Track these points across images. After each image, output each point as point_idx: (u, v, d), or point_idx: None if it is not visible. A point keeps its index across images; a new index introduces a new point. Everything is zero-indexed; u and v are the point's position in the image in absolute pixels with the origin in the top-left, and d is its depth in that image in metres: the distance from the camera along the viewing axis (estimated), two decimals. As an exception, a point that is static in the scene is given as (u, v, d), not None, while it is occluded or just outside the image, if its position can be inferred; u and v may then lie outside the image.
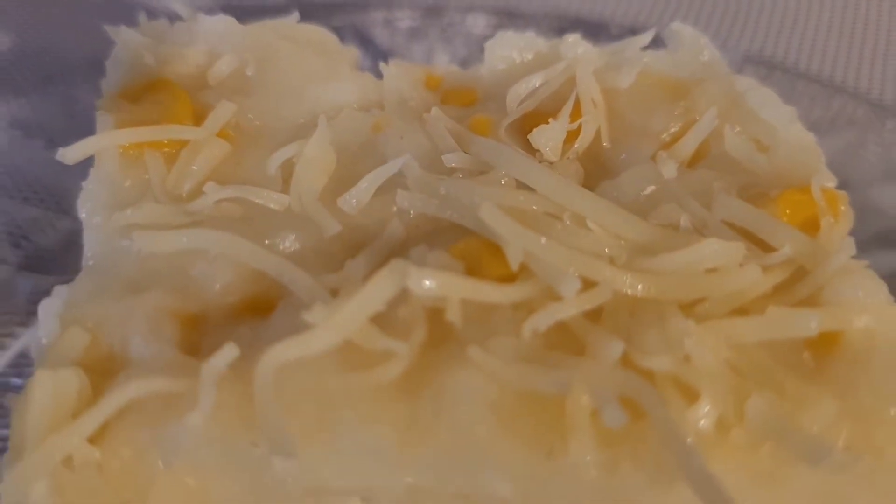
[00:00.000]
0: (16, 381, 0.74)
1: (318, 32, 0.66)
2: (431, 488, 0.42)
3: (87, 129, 0.64)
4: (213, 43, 0.61)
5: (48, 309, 0.47)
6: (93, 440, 0.42)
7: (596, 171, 0.57)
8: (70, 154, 0.54)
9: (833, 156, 0.82)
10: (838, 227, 0.50)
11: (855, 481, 0.42)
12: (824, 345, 0.44)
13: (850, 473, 0.41)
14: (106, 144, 0.54)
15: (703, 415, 0.40)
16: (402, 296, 0.44)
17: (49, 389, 0.42)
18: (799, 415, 0.40)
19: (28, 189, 0.87)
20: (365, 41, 1.03)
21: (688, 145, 0.56)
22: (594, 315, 0.44)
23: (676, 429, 0.39)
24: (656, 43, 0.62)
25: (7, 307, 0.78)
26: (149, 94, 0.58)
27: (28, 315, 0.78)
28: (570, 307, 0.43)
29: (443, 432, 0.42)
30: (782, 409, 0.40)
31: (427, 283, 0.43)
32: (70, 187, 0.85)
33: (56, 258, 0.83)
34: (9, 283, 0.79)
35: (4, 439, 0.63)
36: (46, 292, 0.75)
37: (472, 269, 0.46)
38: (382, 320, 0.44)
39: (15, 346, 0.76)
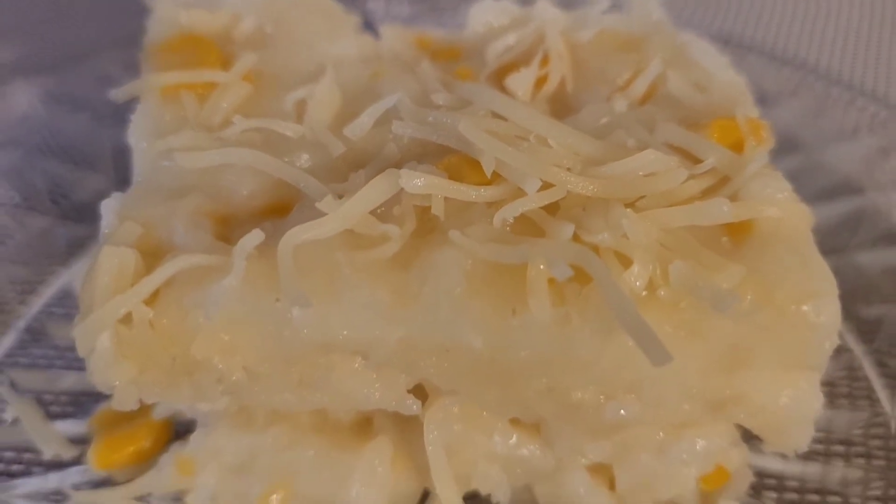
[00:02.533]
0: (58, 310, 0.84)
1: (325, 2, 0.77)
2: (418, 341, 0.52)
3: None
4: (236, 6, 0.72)
5: (108, 207, 0.57)
6: (147, 302, 0.53)
7: (561, 110, 0.67)
8: (120, 94, 0.65)
9: (791, 120, 0.94)
10: (760, 147, 0.60)
11: (758, 332, 0.52)
12: (739, 231, 0.55)
13: (753, 324, 0.51)
14: (149, 85, 0.65)
15: (636, 277, 0.50)
16: (396, 198, 0.55)
17: (113, 261, 0.52)
18: (712, 276, 0.50)
19: (64, 151, 0.97)
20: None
21: (637, 88, 0.67)
22: (552, 209, 0.55)
23: (616, 287, 0.49)
24: (615, 7, 0.73)
25: (49, 251, 0.89)
26: (184, 47, 0.69)
27: (67, 258, 0.88)
28: (532, 201, 0.54)
29: (427, 295, 0.52)
30: (699, 271, 0.50)
31: (417, 182, 0.54)
32: (100, 149, 0.96)
33: (89, 211, 0.93)
34: (50, 231, 0.90)
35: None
36: (81, 240, 0.86)
37: (454, 178, 0.56)
38: (380, 216, 0.54)
39: (57, 283, 0.86)
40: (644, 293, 0.51)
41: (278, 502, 0.63)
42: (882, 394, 0.76)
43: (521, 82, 0.67)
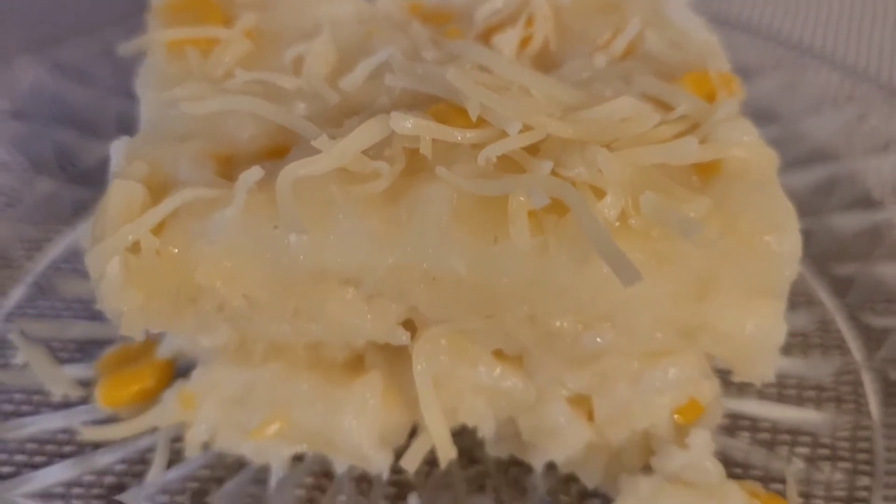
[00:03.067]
0: (65, 266, 0.87)
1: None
2: (407, 269, 0.56)
3: (124, 73, 0.80)
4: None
5: (117, 148, 0.61)
6: (153, 232, 0.56)
7: (544, 67, 0.71)
8: (128, 49, 0.68)
9: (770, 92, 0.97)
10: (730, 98, 0.64)
11: (724, 260, 0.55)
12: (707, 170, 0.58)
13: (719, 252, 0.55)
14: (156, 40, 0.69)
15: (609, 207, 0.54)
16: (387, 141, 0.58)
17: (122, 193, 0.56)
18: (681, 206, 0.54)
19: (71, 121, 1.01)
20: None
21: (617, 46, 0.70)
22: (533, 151, 0.58)
23: (590, 214, 0.52)
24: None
25: (56, 213, 0.92)
26: (188, 7, 0.72)
27: (73, 220, 0.92)
28: (514, 142, 0.57)
29: (415, 224, 0.55)
30: (669, 202, 0.54)
31: (406, 124, 0.57)
32: (104, 118, 0.99)
33: (95, 176, 0.97)
34: (57, 195, 0.94)
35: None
36: (87, 203, 0.90)
37: (442, 123, 0.60)
38: (372, 156, 0.58)
39: (63, 242, 0.90)
40: (617, 224, 0.54)
41: (275, 432, 0.66)
42: (853, 345, 0.80)
43: (506, 41, 0.71)
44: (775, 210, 0.56)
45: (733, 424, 0.74)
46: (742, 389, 0.76)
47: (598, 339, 0.58)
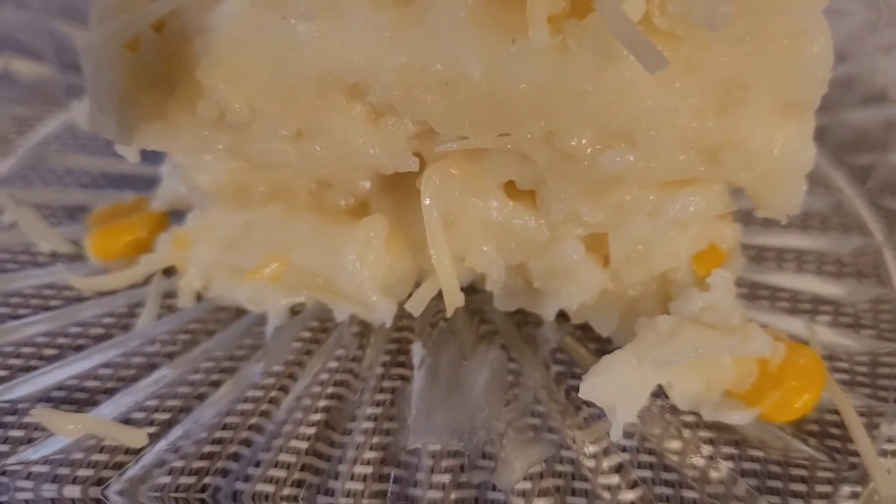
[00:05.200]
0: (55, 145, 0.84)
1: None
2: (418, 71, 0.53)
3: None
4: None
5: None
6: (154, 28, 0.53)
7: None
8: None
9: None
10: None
11: (753, 64, 0.53)
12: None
13: (747, 55, 0.52)
14: None
15: (633, 3, 0.51)
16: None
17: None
18: (707, 1, 0.51)
19: (66, 13, 0.98)
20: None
21: None
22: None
23: (616, 6, 0.50)
24: None
25: (48, 96, 0.90)
26: None
27: (65, 101, 0.89)
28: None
29: (430, 22, 0.52)
30: (695, -3, 0.51)
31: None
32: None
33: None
34: (51, 79, 0.91)
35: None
36: (78, 88, 0.87)
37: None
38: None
39: (54, 123, 0.87)
40: (641, 21, 0.51)
41: (272, 272, 0.63)
42: (874, 227, 0.77)
43: None
44: (805, 14, 0.53)
45: (752, 293, 0.71)
46: (759, 258, 0.73)
47: (618, 160, 0.55)
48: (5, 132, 0.85)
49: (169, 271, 0.69)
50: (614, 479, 0.57)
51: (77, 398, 0.62)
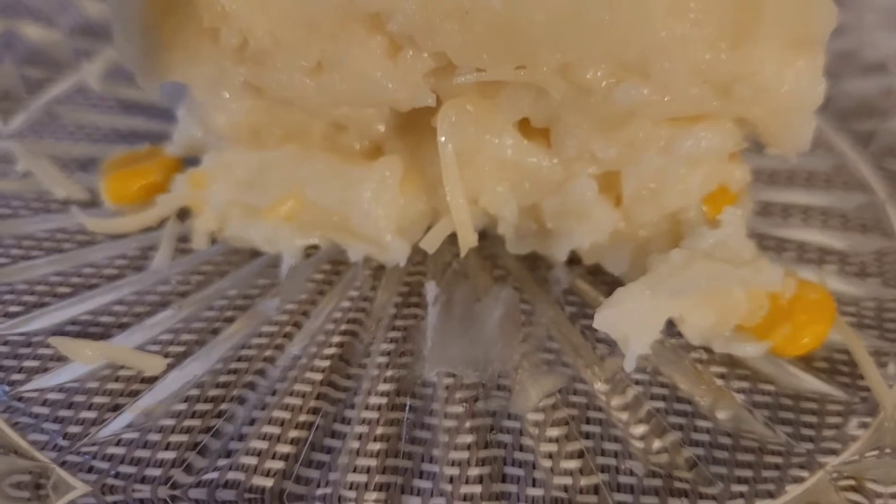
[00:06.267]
0: (65, 104, 0.85)
1: None
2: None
3: None
4: None
5: None
6: (177, -47, 0.54)
7: None
8: None
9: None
10: None
11: (765, -6, 0.54)
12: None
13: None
14: None
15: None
16: None
17: None
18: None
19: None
20: None
21: None
22: None
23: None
24: None
25: (58, 59, 0.90)
26: None
27: (75, 64, 0.90)
28: None
29: (450, -54, 0.54)
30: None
31: None
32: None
33: (97, 28, 0.95)
34: (61, 43, 0.91)
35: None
36: (88, 51, 0.87)
37: None
38: None
39: (64, 84, 0.87)
40: (658, -49, 0.53)
41: (289, 210, 0.64)
42: (877, 186, 0.78)
43: None
44: (817, -52, 0.54)
45: (759, 244, 0.71)
46: (766, 212, 0.74)
47: (632, 92, 0.56)
48: (16, 91, 0.85)
49: (182, 216, 0.69)
50: (627, 412, 0.57)
51: (91, 332, 0.62)
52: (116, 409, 0.57)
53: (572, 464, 0.54)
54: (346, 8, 0.55)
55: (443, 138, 0.60)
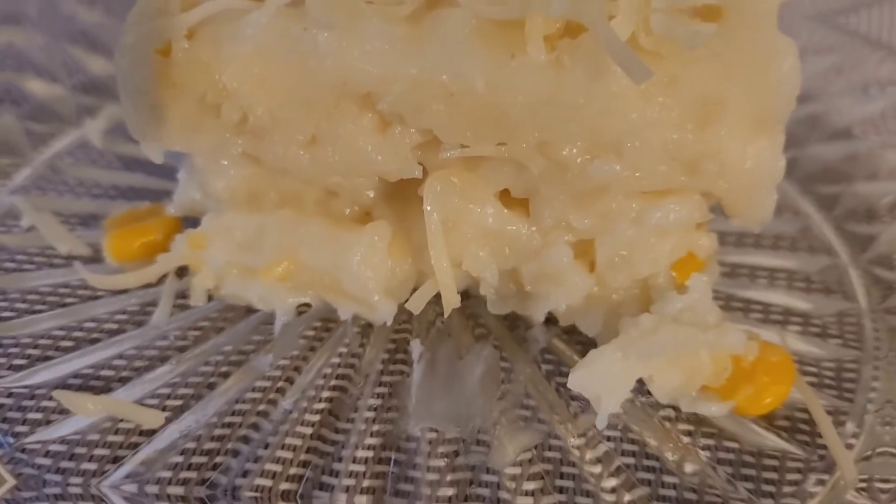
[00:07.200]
0: (68, 159, 0.89)
1: None
2: (427, 82, 0.58)
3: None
4: None
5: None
6: (186, 37, 0.58)
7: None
8: None
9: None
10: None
11: (728, 82, 0.58)
12: (712, 13, 0.62)
13: (724, 73, 0.58)
14: None
15: (621, 25, 0.57)
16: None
17: (156, -4, 0.58)
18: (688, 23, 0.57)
19: (82, 37, 1.04)
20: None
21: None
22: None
23: (604, 22, 0.55)
24: None
25: (63, 115, 0.94)
26: None
27: (78, 120, 0.94)
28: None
29: (437, 38, 0.58)
30: (678, 20, 0.57)
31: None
32: (110, 37, 1.02)
33: (98, 86, 0.99)
34: (65, 99, 0.95)
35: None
36: (90, 108, 0.91)
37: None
38: (394, -3, 0.61)
39: (67, 139, 0.91)
40: (628, 40, 0.57)
41: (283, 271, 0.68)
42: (840, 249, 0.83)
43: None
44: (775, 40, 0.59)
45: (726, 305, 0.76)
46: (734, 274, 0.79)
47: (605, 169, 0.61)
48: (21, 146, 0.89)
49: (181, 273, 0.73)
50: (599, 466, 0.61)
51: (92, 385, 0.65)
52: (116, 461, 0.60)
53: (547, 517, 0.58)
54: (340, 88, 0.59)
55: (428, 207, 0.64)
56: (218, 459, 0.60)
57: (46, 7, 1.05)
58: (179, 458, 0.60)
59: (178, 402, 0.64)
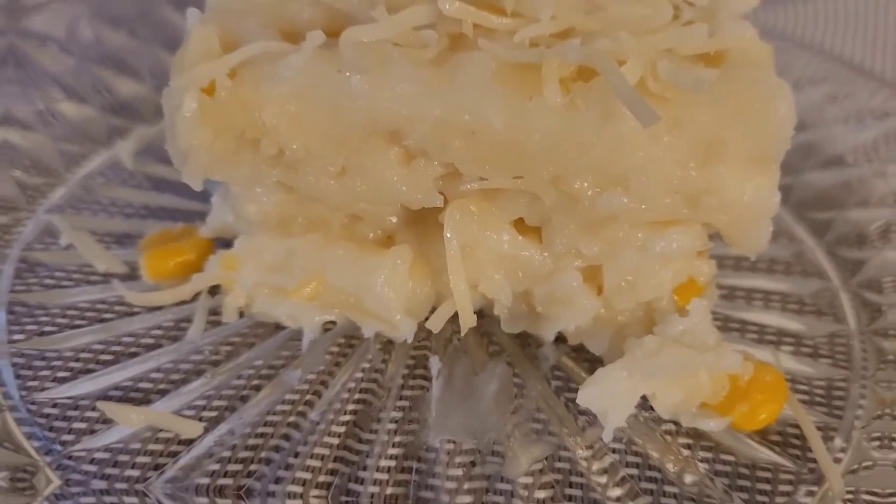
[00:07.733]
0: (100, 179, 0.93)
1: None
2: (451, 121, 0.63)
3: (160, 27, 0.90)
4: None
5: (191, 14, 0.67)
6: (228, 76, 0.63)
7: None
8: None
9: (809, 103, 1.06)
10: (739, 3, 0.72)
11: (729, 123, 0.63)
12: (714, 60, 0.67)
13: (726, 115, 0.63)
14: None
15: (630, 71, 0.62)
16: (433, 26, 0.66)
17: (202, 37, 0.63)
18: (693, 69, 0.62)
19: (109, 59, 1.08)
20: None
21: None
22: (562, 37, 0.66)
23: (615, 68, 0.60)
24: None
25: (93, 135, 0.99)
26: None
27: (108, 142, 0.98)
28: (546, 27, 0.65)
29: (460, 81, 0.63)
30: (682, 65, 0.62)
31: (450, 6, 0.65)
32: (137, 59, 1.07)
33: (127, 107, 1.04)
34: (95, 120, 1.00)
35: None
36: (119, 129, 0.96)
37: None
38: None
39: (98, 160, 0.96)
40: (637, 84, 0.62)
41: (311, 291, 0.72)
42: (832, 273, 0.88)
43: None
44: (773, 84, 0.64)
45: (724, 326, 0.81)
46: (731, 296, 0.83)
47: (613, 201, 0.65)
48: (55, 166, 0.94)
49: (213, 291, 0.78)
50: (605, 477, 0.66)
51: (133, 397, 0.70)
52: (157, 468, 0.65)
53: (557, 524, 0.63)
54: (370, 127, 0.64)
55: (449, 234, 0.69)
56: (252, 467, 0.65)
57: (72, 28, 1.09)
58: (216, 466, 0.65)
59: (214, 413, 0.69)
